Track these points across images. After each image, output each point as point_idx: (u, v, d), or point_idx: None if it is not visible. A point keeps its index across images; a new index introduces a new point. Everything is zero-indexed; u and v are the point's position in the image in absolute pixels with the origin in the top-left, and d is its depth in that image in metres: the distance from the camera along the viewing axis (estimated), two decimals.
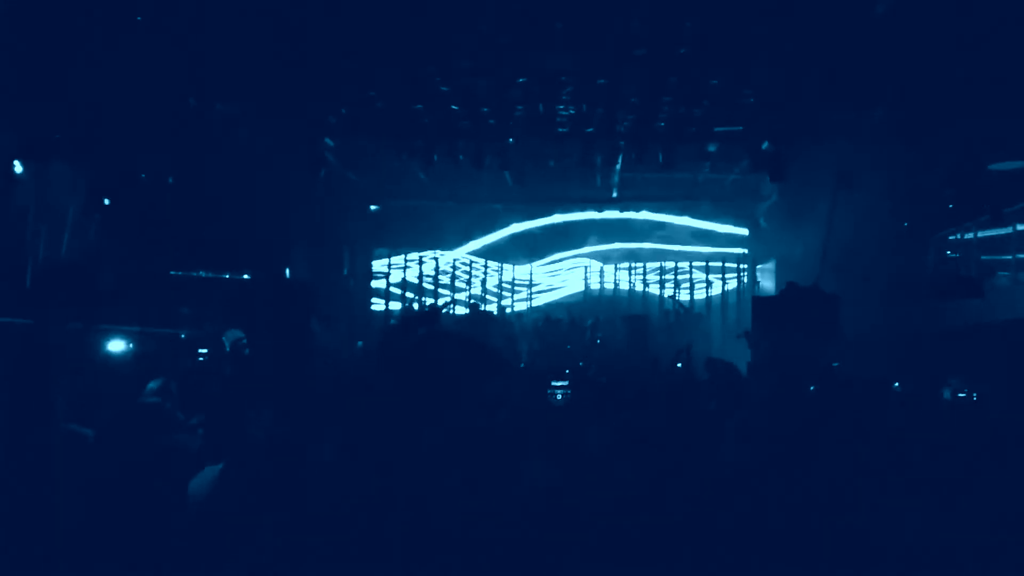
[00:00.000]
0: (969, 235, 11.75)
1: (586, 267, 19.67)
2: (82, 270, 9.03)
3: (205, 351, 4.32)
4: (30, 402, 4.22)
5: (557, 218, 18.49)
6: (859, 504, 3.19)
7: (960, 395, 5.64)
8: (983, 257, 11.61)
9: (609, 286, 19.61)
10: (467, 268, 19.52)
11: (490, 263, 19.50)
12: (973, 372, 7.71)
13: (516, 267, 19.59)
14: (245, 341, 3.09)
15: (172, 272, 10.98)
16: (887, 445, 4.26)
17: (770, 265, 16.92)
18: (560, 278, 19.78)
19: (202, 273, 11.36)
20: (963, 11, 8.27)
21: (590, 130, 13.43)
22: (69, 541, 2.38)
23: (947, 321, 11.25)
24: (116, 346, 5.99)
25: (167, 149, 10.54)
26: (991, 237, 11.36)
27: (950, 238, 12.40)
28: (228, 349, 3.07)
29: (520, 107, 12.51)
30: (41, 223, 9.07)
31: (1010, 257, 10.89)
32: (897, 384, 6.58)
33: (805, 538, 2.90)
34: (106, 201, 9.45)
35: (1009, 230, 10.70)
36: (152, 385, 4.28)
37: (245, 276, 12.40)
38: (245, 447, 2.88)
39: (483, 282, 19.53)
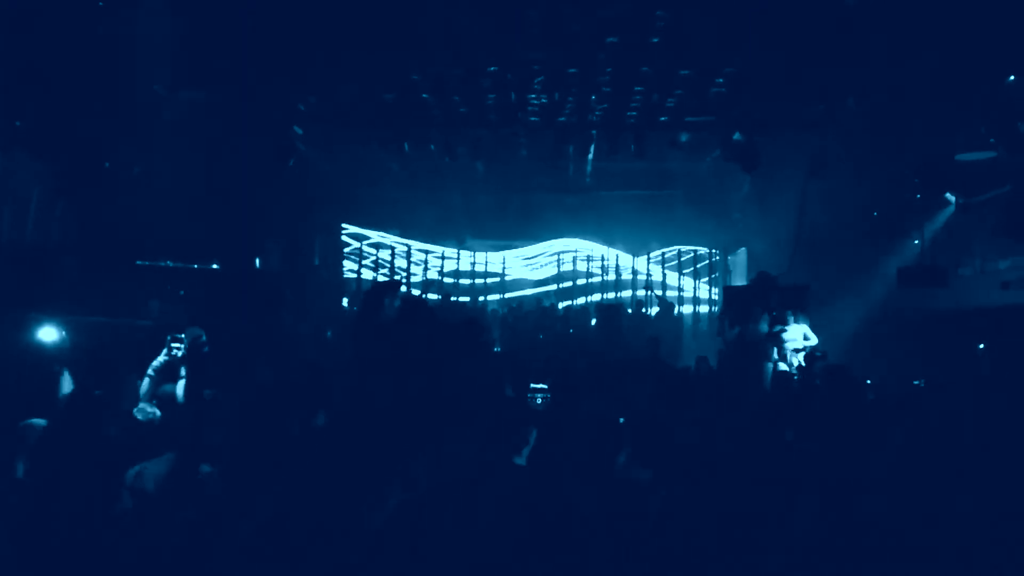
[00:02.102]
0: (936, 224, 11.90)
1: (559, 256, 19.67)
2: (46, 258, 8.90)
3: (178, 345, 4.24)
4: None
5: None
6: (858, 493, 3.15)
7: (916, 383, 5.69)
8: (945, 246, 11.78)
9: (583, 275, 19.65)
10: (439, 256, 19.47)
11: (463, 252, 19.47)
12: (937, 359, 7.83)
13: (489, 255, 19.57)
14: (204, 339, 3.06)
15: (139, 262, 10.84)
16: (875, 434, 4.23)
17: (741, 254, 17.04)
18: (535, 267, 19.79)
19: (169, 263, 11.22)
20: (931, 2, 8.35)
21: (562, 119, 13.41)
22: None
23: (912, 309, 11.40)
24: (77, 337, 5.88)
25: (133, 137, 10.38)
26: (957, 226, 11.53)
27: (917, 227, 12.55)
28: (186, 347, 3.03)
29: (492, 96, 12.46)
30: (4, 210, 8.91)
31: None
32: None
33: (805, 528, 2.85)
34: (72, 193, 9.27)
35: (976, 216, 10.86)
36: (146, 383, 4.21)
37: (214, 266, 12.29)
38: (199, 443, 2.86)
39: (456, 270, 19.49)
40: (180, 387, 4.19)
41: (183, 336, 3.30)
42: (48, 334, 4.85)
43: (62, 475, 2.49)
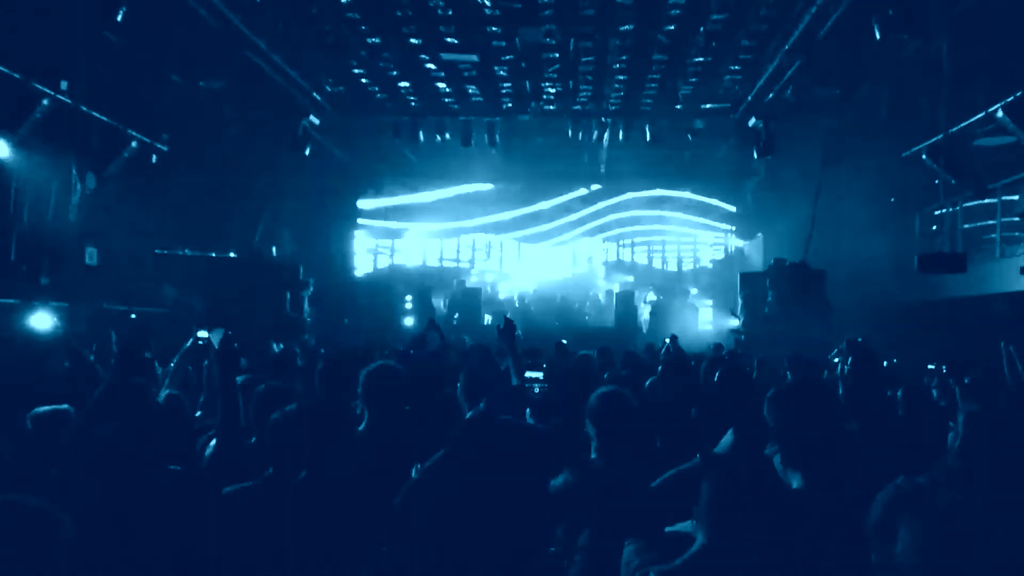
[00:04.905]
0: (954, 209, 11.79)
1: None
2: (65, 246, 8.98)
3: (204, 335, 4.28)
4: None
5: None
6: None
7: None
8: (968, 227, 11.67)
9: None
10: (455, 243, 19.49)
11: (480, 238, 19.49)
12: (955, 346, 7.75)
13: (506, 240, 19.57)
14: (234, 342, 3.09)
15: (157, 250, 10.92)
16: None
17: (758, 241, 16.95)
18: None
19: (187, 251, 11.30)
20: None
21: (577, 107, 13.37)
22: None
23: (932, 294, 11.31)
24: (96, 326, 5.96)
25: (152, 126, 10.44)
26: (976, 211, 11.41)
27: (935, 213, 12.43)
28: (216, 347, 3.05)
29: (507, 84, 12.44)
30: (24, 198, 8.99)
31: (995, 232, 10.94)
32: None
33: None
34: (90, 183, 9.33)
35: (995, 201, 10.74)
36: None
37: (231, 254, 12.36)
38: (233, 430, 2.93)
39: (472, 258, 19.51)
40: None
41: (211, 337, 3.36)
42: (42, 321, 4.84)
43: (108, 465, 2.55)
